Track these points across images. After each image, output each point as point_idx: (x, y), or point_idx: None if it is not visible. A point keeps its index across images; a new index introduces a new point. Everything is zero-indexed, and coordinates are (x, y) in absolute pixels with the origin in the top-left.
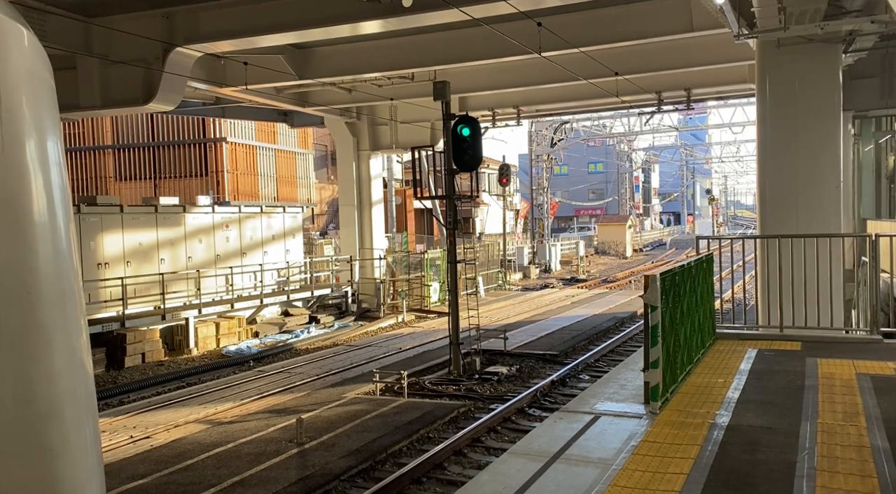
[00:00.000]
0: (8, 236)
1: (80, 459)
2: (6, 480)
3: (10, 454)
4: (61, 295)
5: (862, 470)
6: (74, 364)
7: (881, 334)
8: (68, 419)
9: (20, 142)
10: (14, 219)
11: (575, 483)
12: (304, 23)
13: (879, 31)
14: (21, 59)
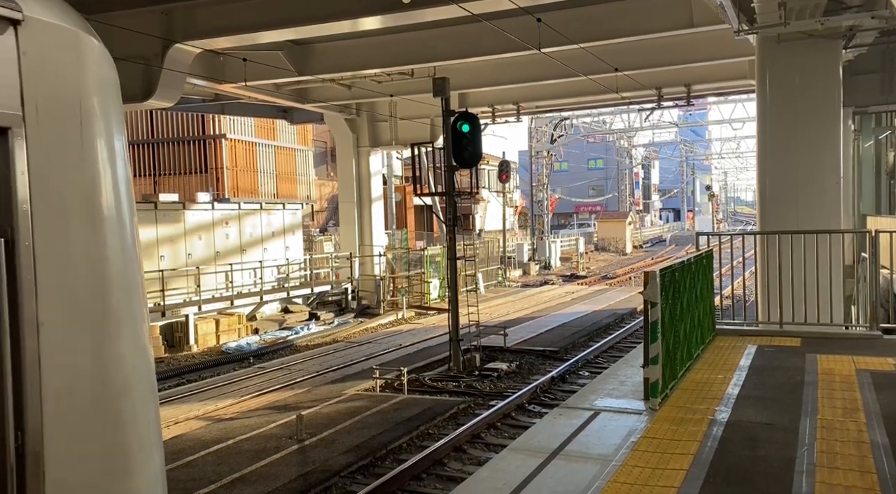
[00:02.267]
0: (87, 229)
1: (145, 432)
2: (87, 447)
3: (90, 424)
4: (128, 284)
5: (861, 466)
6: (139, 348)
7: (881, 330)
8: (136, 396)
9: (96, 143)
10: (92, 213)
11: (574, 480)
12: (303, 19)
13: (880, 26)
14: (95, 68)
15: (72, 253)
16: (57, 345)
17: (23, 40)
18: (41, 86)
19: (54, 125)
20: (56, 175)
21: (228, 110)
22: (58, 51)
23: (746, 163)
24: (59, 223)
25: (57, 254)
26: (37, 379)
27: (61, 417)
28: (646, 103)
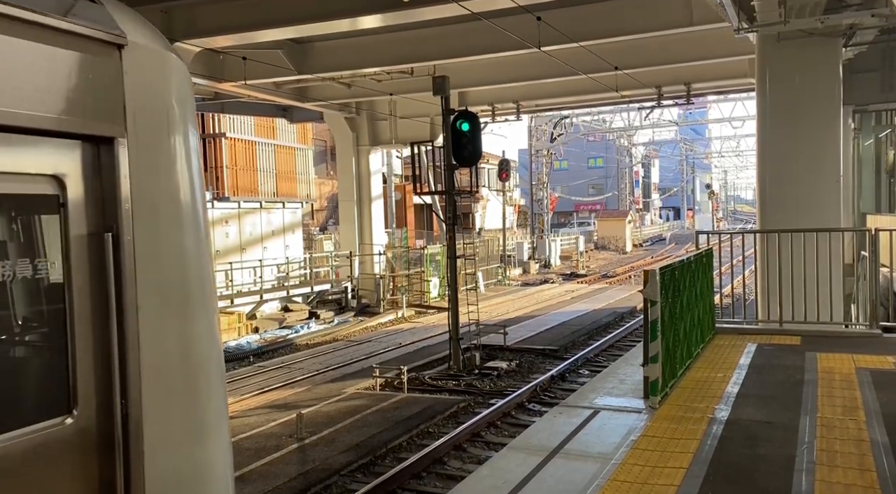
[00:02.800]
0: (172, 224)
1: (217, 405)
2: (174, 415)
3: (176, 395)
4: (202, 273)
5: (861, 464)
6: (211, 330)
7: (881, 328)
8: (210, 373)
9: (179, 148)
10: (176, 210)
11: (574, 478)
12: (303, 17)
13: (880, 24)
14: (177, 82)
15: (160, 246)
16: (150, 327)
17: (125, 62)
18: (139, 100)
19: (148, 134)
20: (149, 178)
21: (228, 109)
22: (150, 69)
23: (746, 161)
24: (151, 220)
25: (149, 247)
26: (136, 356)
27: (154, 388)
28: (646, 102)
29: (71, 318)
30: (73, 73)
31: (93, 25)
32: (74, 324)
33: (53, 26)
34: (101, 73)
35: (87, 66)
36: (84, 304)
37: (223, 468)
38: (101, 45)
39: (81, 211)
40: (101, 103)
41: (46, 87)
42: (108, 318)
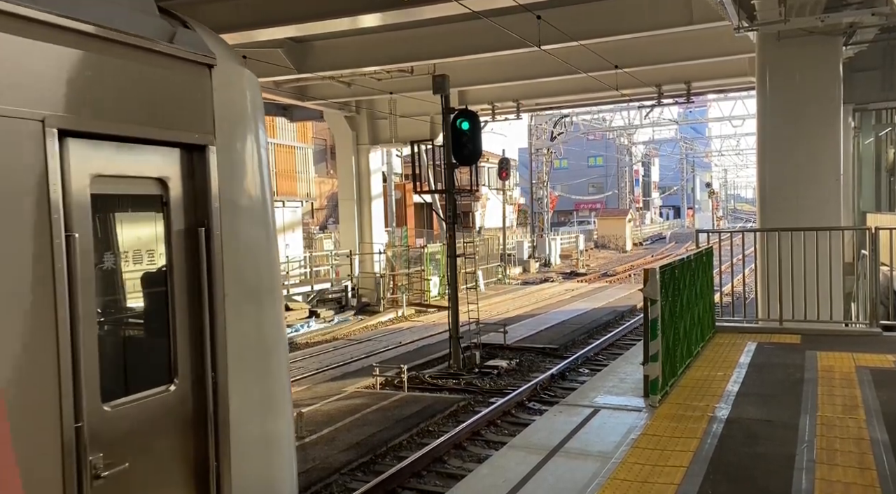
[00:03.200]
0: (250, 220)
1: (284, 384)
2: (252, 388)
3: (253, 372)
4: (271, 264)
5: (861, 463)
6: (279, 316)
7: (881, 327)
8: (279, 355)
9: (255, 152)
10: (253, 207)
11: (574, 477)
12: (303, 16)
13: (880, 23)
14: (251, 94)
15: (241, 240)
16: (233, 311)
17: (215, 79)
18: (224, 112)
19: (231, 141)
20: (232, 180)
21: None
22: (233, 85)
23: (746, 160)
24: (234, 217)
25: (233, 241)
26: (224, 337)
27: (236, 366)
28: (646, 100)
29: (172, 302)
30: (174, 90)
31: (190, 49)
32: (175, 307)
33: (159, 51)
34: (196, 90)
35: (186, 84)
36: (182, 290)
37: (288, 438)
38: (196, 66)
39: (180, 209)
40: (195, 115)
41: (152, 103)
42: (201, 302)
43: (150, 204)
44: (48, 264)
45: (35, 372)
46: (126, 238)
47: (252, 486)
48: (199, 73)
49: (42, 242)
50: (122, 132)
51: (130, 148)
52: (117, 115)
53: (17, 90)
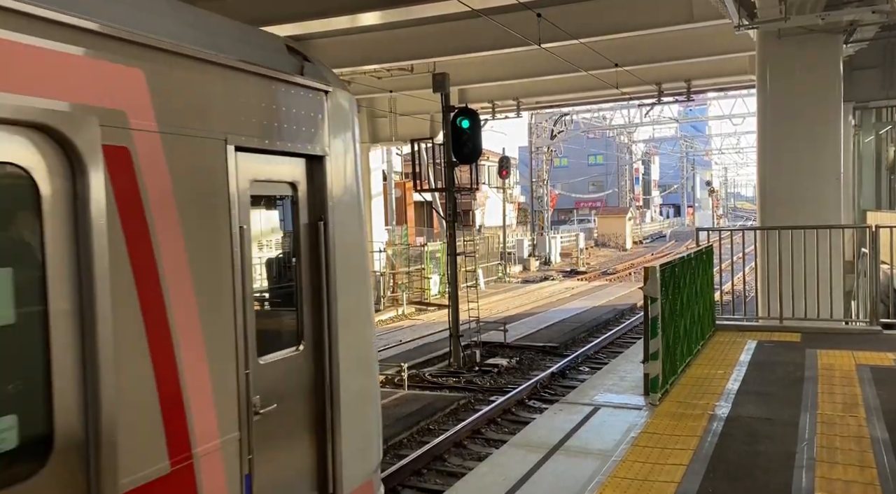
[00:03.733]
0: (353, 216)
1: (374, 350)
2: (356, 353)
3: (356, 340)
4: (363, 250)
5: (861, 461)
6: (369, 294)
7: (881, 325)
8: (371, 325)
9: (353, 160)
10: (355, 206)
11: (575, 475)
12: (302, 14)
13: (880, 21)
14: (351, 113)
15: (346, 231)
16: (342, 288)
17: (328, 103)
18: (334, 129)
19: (339, 152)
20: (339, 183)
21: None
22: (339, 107)
23: (747, 158)
24: (341, 213)
25: (340, 232)
26: (335, 308)
27: (343, 332)
28: (646, 99)
29: (299, 281)
30: (302, 112)
31: (314, 79)
32: (301, 285)
33: (295, 82)
34: (317, 111)
35: (310, 107)
36: (306, 271)
37: (377, 395)
38: (317, 93)
39: (305, 206)
40: (315, 132)
41: (288, 122)
42: (320, 282)
43: (285, 202)
44: (228, 250)
45: (226, 330)
46: (267, 229)
47: (353, 430)
48: (318, 99)
49: (225, 232)
50: (270, 146)
51: (273, 158)
52: (268, 133)
53: (210, 117)
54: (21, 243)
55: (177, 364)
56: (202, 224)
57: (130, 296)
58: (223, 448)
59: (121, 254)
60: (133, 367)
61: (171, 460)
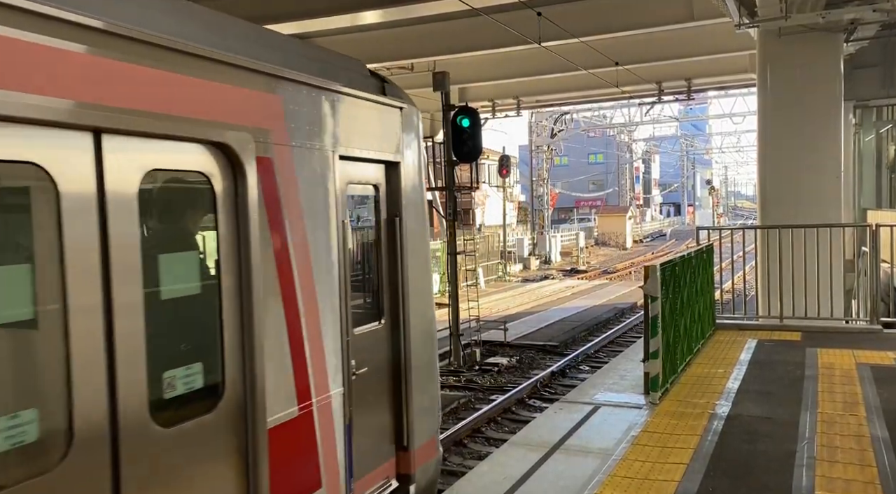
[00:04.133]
0: (420, 212)
1: (437, 346)
2: (419, 325)
3: (423, 314)
4: (428, 243)
5: (861, 460)
6: (431, 278)
7: (881, 324)
8: (433, 304)
9: (418, 165)
10: (421, 204)
11: (575, 474)
12: (303, 13)
13: (881, 19)
14: (418, 126)
15: (415, 225)
16: (412, 271)
17: (402, 118)
18: (405, 139)
19: (408, 159)
20: (410, 185)
21: None
22: (410, 120)
23: (747, 157)
24: (410, 210)
25: (411, 226)
26: (408, 288)
27: (414, 313)
28: (646, 97)
29: (379, 263)
30: (384, 126)
31: (393, 99)
32: (382, 267)
33: (381, 102)
34: (394, 125)
35: (389, 122)
36: (386, 258)
37: (437, 366)
38: (394, 109)
39: (384, 204)
40: (392, 142)
41: (374, 134)
42: (396, 267)
43: (370, 200)
44: (335, 240)
45: (335, 304)
46: (357, 223)
47: (421, 394)
48: (395, 114)
49: (333, 225)
50: (361, 155)
51: (362, 165)
52: (360, 144)
53: (323, 133)
54: (202, 228)
55: (303, 332)
56: (318, 218)
57: (272, 273)
58: (333, 400)
59: (267, 239)
60: (274, 333)
61: (298, 406)
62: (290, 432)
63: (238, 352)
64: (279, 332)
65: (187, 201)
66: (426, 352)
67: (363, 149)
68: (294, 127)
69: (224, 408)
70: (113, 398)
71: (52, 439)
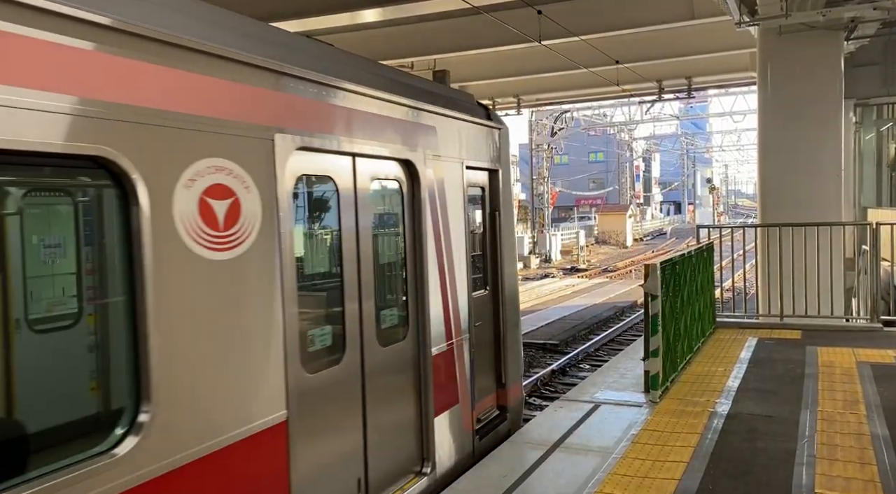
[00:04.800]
0: (509, 209)
1: (519, 312)
2: (511, 298)
3: (512, 288)
4: (515, 239)
5: (861, 458)
6: (517, 274)
7: (881, 322)
8: (518, 293)
9: (508, 171)
10: (509, 202)
11: (575, 472)
12: (302, 11)
13: (881, 18)
14: (509, 141)
15: (507, 220)
16: (506, 257)
17: (499, 136)
18: (501, 152)
19: (503, 167)
20: (504, 188)
21: None
22: (504, 137)
23: (747, 155)
24: (505, 207)
25: (505, 221)
26: (503, 268)
27: (507, 284)
28: (646, 96)
29: (485, 245)
30: (490, 143)
31: (496, 122)
32: (487, 250)
33: (489, 125)
34: (495, 141)
35: (492, 139)
36: (489, 243)
37: (520, 328)
38: (494, 130)
39: (488, 202)
40: (494, 155)
41: (484, 149)
42: (496, 247)
43: (478, 199)
44: (464, 228)
45: (464, 273)
46: (473, 217)
47: (512, 347)
48: (495, 134)
49: (462, 216)
50: (477, 165)
51: (477, 172)
52: (476, 156)
53: (457, 148)
54: (399, 220)
55: (449, 293)
56: (455, 211)
57: (434, 250)
58: (464, 342)
59: (431, 225)
60: (435, 293)
61: (447, 342)
62: (442, 360)
63: (416, 303)
64: (438, 292)
65: (391, 197)
66: (515, 314)
67: (478, 160)
68: (444, 146)
69: (409, 338)
70: (361, 325)
71: (336, 345)
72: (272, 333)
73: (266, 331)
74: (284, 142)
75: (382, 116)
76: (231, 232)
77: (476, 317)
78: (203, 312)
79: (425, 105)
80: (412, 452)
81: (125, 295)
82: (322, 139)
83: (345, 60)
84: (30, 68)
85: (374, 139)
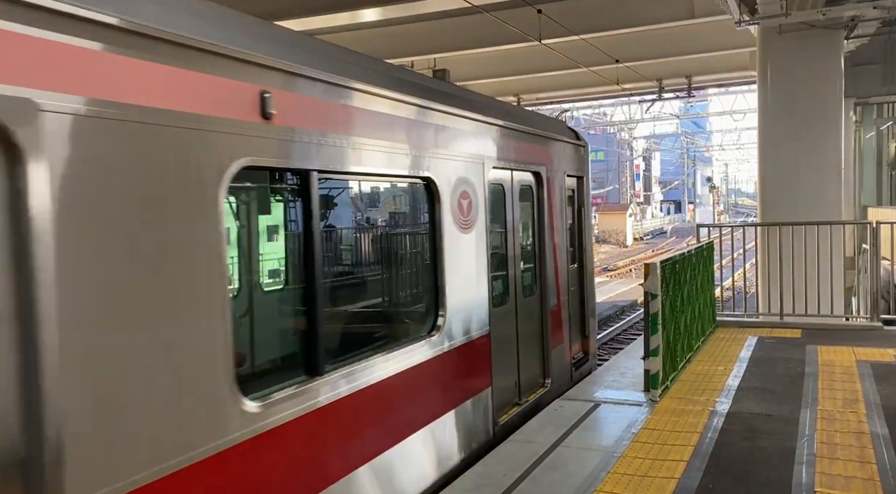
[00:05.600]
0: (589, 213)
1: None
2: (590, 280)
3: (591, 275)
4: (591, 230)
5: (861, 457)
6: (593, 254)
7: (881, 321)
8: (594, 272)
9: (589, 182)
10: (589, 209)
11: (576, 471)
12: (302, 10)
13: (881, 16)
14: (588, 154)
15: (586, 216)
16: (586, 242)
17: (584, 151)
18: (584, 162)
19: (585, 175)
20: (580, 190)
21: None
22: (586, 150)
23: (747, 154)
24: (587, 206)
25: (586, 216)
26: (586, 249)
27: (588, 260)
28: (647, 95)
29: (573, 233)
30: (578, 156)
31: (581, 140)
32: (575, 236)
33: (576, 143)
34: (580, 155)
35: (578, 153)
36: (577, 230)
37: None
38: (580, 146)
39: (574, 201)
40: (580, 165)
41: (573, 161)
42: (582, 233)
43: (571, 199)
44: (564, 220)
45: (564, 251)
46: (526, 213)
47: (592, 311)
48: (581, 149)
49: (564, 212)
50: (571, 173)
51: (570, 178)
52: (571, 167)
53: (564, 162)
54: (531, 212)
55: (557, 264)
56: (561, 208)
57: (551, 237)
58: (564, 305)
59: (548, 218)
60: (550, 265)
61: (558, 301)
62: (555, 313)
63: (540, 271)
64: (553, 265)
65: (528, 197)
66: (592, 284)
67: (571, 170)
68: (554, 160)
69: (536, 295)
70: (515, 283)
71: (506, 293)
72: (484, 281)
73: (481, 279)
74: (487, 164)
75: (528, 144)
76: (468, 218)
77: (570, 283)
78: (461, 264)
79: (548, 132)
80: (539, 370)
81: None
82: (499, 161)
83: (515, 112)
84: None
85: (523, 160)
